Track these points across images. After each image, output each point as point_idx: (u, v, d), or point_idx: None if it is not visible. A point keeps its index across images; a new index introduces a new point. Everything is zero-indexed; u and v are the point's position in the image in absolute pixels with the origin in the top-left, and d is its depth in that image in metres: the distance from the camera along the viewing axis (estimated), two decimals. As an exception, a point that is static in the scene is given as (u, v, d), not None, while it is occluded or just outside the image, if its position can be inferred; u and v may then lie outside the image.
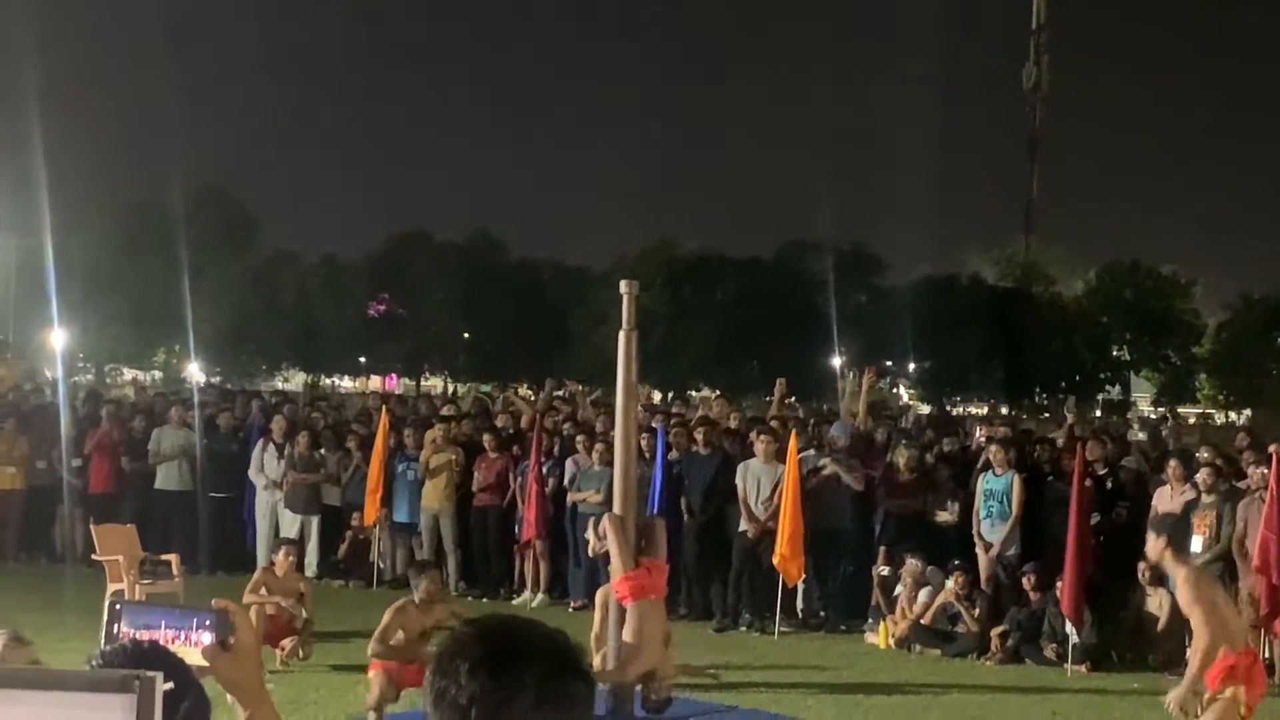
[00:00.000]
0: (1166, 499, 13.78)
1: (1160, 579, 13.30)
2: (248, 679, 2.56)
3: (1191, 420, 44.98)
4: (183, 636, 2.55)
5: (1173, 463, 14.13)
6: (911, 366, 66.47)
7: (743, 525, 14.84)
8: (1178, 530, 7.76)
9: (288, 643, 11.77)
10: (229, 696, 2.55)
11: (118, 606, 2.58)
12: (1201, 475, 13.49)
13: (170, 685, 2.16)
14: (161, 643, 2.52)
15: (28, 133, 46.37)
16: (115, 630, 2.53)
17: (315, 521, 17.17)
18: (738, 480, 14.96)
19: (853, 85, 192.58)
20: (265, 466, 17.31)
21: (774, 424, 16.15)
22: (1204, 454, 14.76)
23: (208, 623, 2.54)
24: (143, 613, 2.60)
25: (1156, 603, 13.26)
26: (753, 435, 15.57)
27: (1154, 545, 7.68)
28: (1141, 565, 13.29)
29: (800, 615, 15.14)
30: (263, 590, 11.86)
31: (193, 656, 2.52)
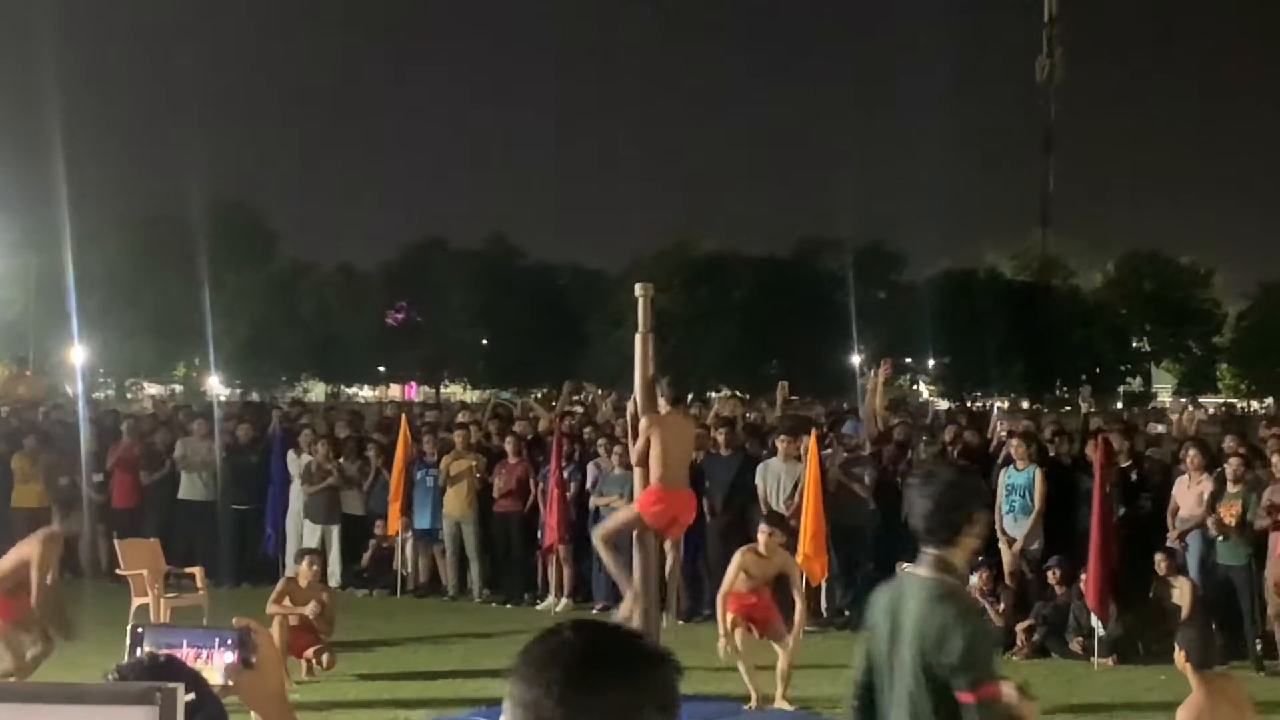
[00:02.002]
0: (1185, 489, 13.73)
1: (1179, 568, 13.26)
2: (271, 696, 2.58)
3: (1211, 410, 44.89)
4: (205, 656, 2.56)
5: (1191, 452, 14.02)
6: (931, 363, 66.35)
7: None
8: (1198, 643, 7.49)
9: (310, 652, 11.79)
10: (252, 714, 2.56)
11: (140, 630, 2.59)
12: (1231, 465, 13.42)
13: (191, 696, 2.17)
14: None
15: (46, 149, 46.64)
16: (139, 653, 2.54)
17: (335, 531, 17.22)
18: (757, 480, 14.92)
19: (866, 81, 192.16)
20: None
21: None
22: (1229, 443, 14.67)
23: (229, 641, 2.55)
24: (165, 634, 2.61)
25: (1178, 592, 13.20)
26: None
27: (1178, 656, 7.46)
28: (1158, 556, 13.23)
29: (825, 614, 15.10)
30: (286, 601, 11.89)
31: (214, 675, 2.53)
